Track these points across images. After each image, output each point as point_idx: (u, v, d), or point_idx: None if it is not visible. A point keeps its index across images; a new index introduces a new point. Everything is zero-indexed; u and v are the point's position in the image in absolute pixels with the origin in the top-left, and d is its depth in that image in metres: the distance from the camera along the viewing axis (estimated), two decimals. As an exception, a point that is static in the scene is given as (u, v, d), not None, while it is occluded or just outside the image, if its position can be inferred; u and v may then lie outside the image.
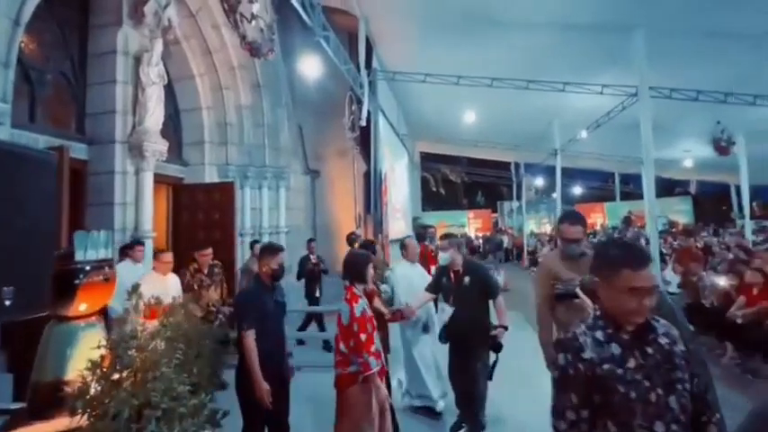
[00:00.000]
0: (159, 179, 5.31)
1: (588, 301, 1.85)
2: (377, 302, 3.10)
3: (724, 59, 6.59)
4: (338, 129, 7.45)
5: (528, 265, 16.39)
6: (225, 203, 5.81)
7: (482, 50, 7.27)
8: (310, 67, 6.00)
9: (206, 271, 4.41)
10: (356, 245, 6.43)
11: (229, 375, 2.87)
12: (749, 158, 11.44)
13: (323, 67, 6.45)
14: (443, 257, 3.49)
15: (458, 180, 27.40)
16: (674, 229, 18.79)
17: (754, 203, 18.21)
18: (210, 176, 6.18)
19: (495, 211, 28.00)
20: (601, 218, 25.46)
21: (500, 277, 9.77)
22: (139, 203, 4.67)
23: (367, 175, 7.80)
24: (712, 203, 22.51)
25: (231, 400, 2.56)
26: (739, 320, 5.41)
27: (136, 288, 2.07)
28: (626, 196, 24.20)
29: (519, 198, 25.27)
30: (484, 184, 29.06)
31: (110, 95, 4.65)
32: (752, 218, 14.02)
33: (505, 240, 21.70)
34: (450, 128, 13.14)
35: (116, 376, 1.53)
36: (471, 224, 27.12)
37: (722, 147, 8.77)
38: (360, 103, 6.92)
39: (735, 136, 9.25)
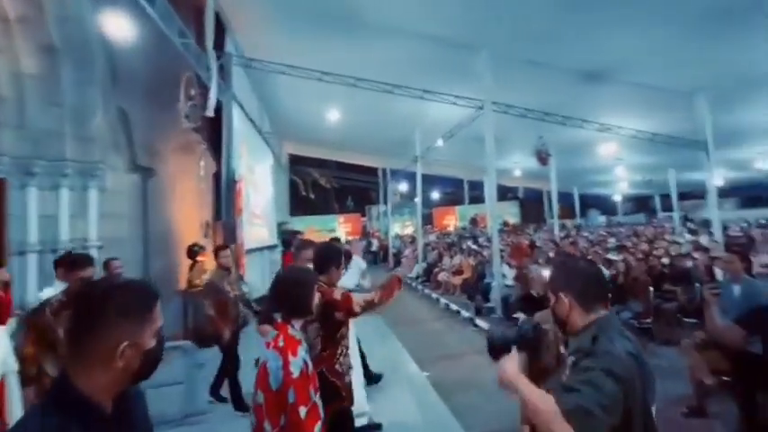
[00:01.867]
0: None
1: None
2: (356, 297, 2.23)
3: (545, 85, 7.89)
4: (181, 119, 6.18)
5: (393, 266, 17.09)
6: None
7: (348, 48, 7.07)
8: (136, 34, 4.70)
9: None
10: (199, 258, 5.40)
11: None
12: (557, 170, 14.28)
13: (157, 39, 5.18)
14: None
15: (328, 184, 27.18)
16: (506, 228, 22.34)
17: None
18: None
19: (364, 215, 28.74)
20: (454, 220, 28.76)
21: (366, 281, 9.76)
22: None
23: (218, 175, 6.69)
24: (534, 206, 27.65)
25: None
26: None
27: None
28: (473, 200, 27.78)
29: (386, 202, 26.62)
30: (354, 189, 29.58)
31: None
32: (559, 218, 17.72)
33: (374, 243, 22.38)
34: (318, 129, 12.70)
35: None
36: (341, 229, 27.26)
37: (543, 158, 10.59)
38: (205, 88, 5.85)
39: (550, 150, 11.28)
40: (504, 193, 23.99)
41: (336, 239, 6.84)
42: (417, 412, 3.90)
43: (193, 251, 5.22)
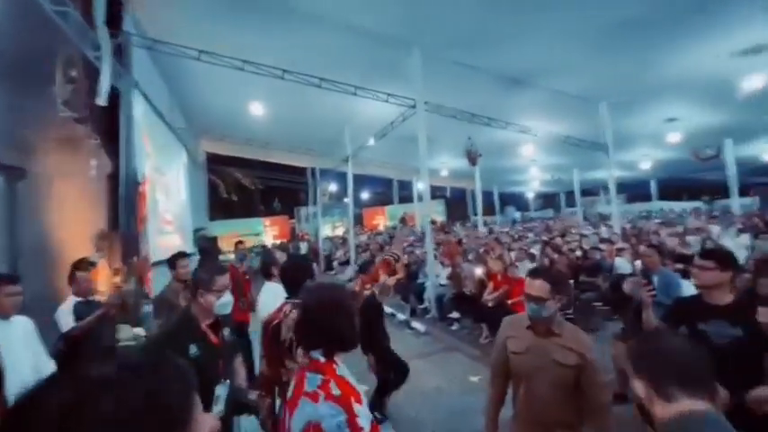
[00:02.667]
0: None
1: None
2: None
3: (473, 87, 8.10)
4: (58, 106, 4.99)
5: (324, 269, 16.54)
6: None
7: (274, 36, 6.47)
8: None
9: None
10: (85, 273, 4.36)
11: None
12: (480, 169, 15.01)
13: (21, 3, 4.08)
14: None
15: (253, 185, 25.48)
16: (433, 226, 23.08)
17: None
18: None
19: (292, 217, 27.58)
20: (383, 219, 28.97)
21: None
22: None
23: (114, 177, 5.63)
24: (458, 205, 29.02)
25: None
26: (490, 303, 6.49)
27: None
28: (402, 200, 28.26)
29: (315, 203, 25.81)
30: (281, 190, 28.16)
31: None
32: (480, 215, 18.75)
33: (303, 247, 21.43)
34: (240, 125, 11.68)
35: None
36: (268, 232, 25.81)
37: (472, 158, 10.95)
38: (92, 70, 4.84)
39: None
40: (432, 193, 24.83)
41: (241, 242, 6.21)
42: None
43: (84, 267, 4.22)
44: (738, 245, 6.76)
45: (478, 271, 7.37)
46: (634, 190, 23.79)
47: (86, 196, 5.30)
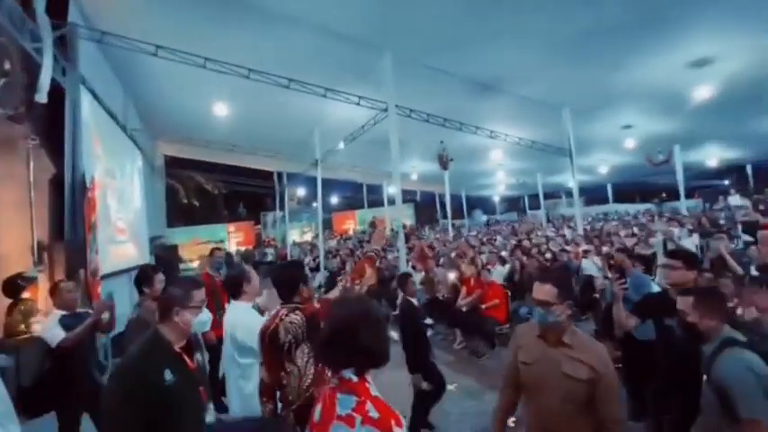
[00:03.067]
0: None
1: None
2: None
3: (444, 91, 8.11)
4: (-8, 104, 4.45)
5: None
6: None
7: (239, 34, 6.12)
8: None
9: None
10: (26, 294, 3.84)
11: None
12: (449, 173, 15.16)
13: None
14: None
15: (215, 190, 24.37)
16: (403, 230, 23.10)
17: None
18: None
19: (258, 222, 26.71)
20: (353, 224, 28.69)
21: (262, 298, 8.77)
22: None
23: (58, 181, 5.09)
24: (427, 209, 29.26)
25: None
26: (464, 308, 6.47)
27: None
28: (372, 204, 28.13)
29: (282, 208, 25.10)
30: (246, 195, 27.16)
31: None
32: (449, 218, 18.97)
33: (270, 253, 20.72)
34: (202, 127, 11.09)
35: None
36: (232, 238, 24.81)
37: (444, 162, 11.00)
38: (30, 63, 4.34)
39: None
40: (402, 197, 24.92)
41: (218, 249, 5.92)
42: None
43: (15, 286, 3.70)
44: (691, 244, 7.18)
45: (452, 276, 7.35)
46: (592, 193, 25.00)
47: (24, 203, 4.75)
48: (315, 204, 29.01)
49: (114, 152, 7.71)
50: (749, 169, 20.07)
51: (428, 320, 7.27)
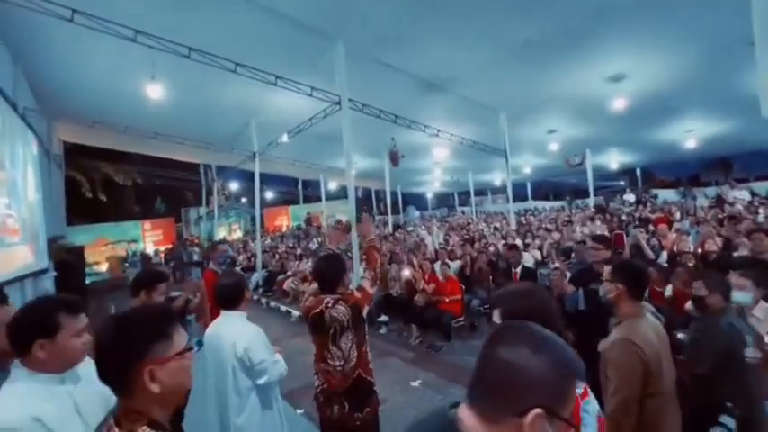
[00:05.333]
0: None
1: None
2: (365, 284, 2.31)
3: (395, 88, 8.07)
4: None
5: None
6: None
7: (182, 7, 5.35)
8: None
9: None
10: None
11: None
12: (389, 170, 15.33)
13: None
14: None
15: (128, 182, 21.52)
16: (338, 227, 22.84)
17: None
18: None
19: (179, 219, 24.33)
20: (286, 220, 27.57)
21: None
22: None
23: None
24: (363, 204, 29.26)
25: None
26: (420, 304, 6.55)
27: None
28: (306, 200, 27.31)
29: (208, 204, 23.12)
30: (165, 189, 24.49)
31: None
32: (384, 215, 19.22)
33: (195, 253, 18.95)
34: (118, 111, 9.66)
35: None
36: (148, 237, 22.26)
37: (395, 158, 11.01)
38: None
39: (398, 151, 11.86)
40: (339, 192, 24.52)
41: (221, 242, 5.25)
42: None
43: None
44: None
45: (406, 272, 7.38)
46: (514, 191, 27.14)
47: None
48: (244, 200, 27.30)
49: (2, 135, 6.33)
50: (638, 172, 23.47)
51: (383, 317, 7.24)
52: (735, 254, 4.53)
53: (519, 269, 5.38)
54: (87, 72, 7.52)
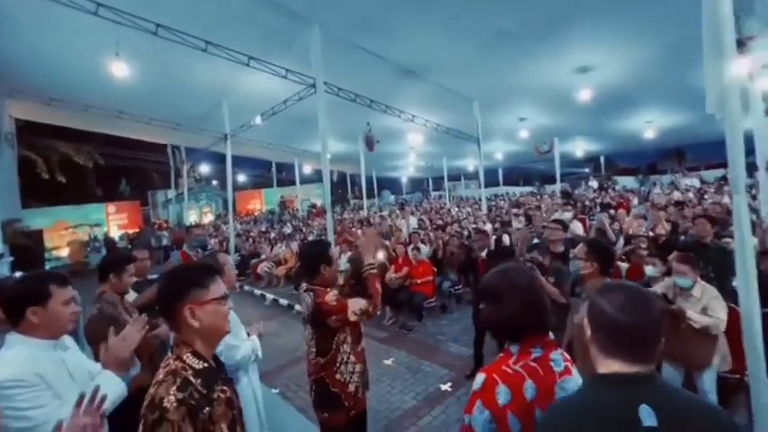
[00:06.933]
0: None
1: None
2: (351, 305, 2.01)
3: (371, 73, 8.06)
4: None
5: (198, 261, 14.69)
6: None
7: None
8: None
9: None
10: None
11: None
12: (364, 154, 15.34)
13: None
14: None
15: (89, 163, 20.38)
16: (314, 210, 22.73)
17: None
18: None
19: (145, 203, 23.43)
20: (259, 204, 27.11)
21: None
22: None
23: None
24: (338, 188, 29.13)
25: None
26: (393, 286, 6.77)
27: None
28: (280, 183, 26.88)
29: (177, 186, 22.34)
30: (130, 170, 23.37)
31: None
32: (359, 198, 19.34)
33: (164, 237, 18.45)
34: (79, 88, 9.13)
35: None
36: (112, 221, 21.37)
37: (370, 143, 11.04)
38: None
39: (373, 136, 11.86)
40: (313, 176, 24.30)
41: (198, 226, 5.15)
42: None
43: None
44: (566, 218, 8.71)
45: (380, 255, 7.56)
46: (486, 176, 27.78)
47: None
48: (215, 183, 26.53)
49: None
50: (602, 159, 24.57)
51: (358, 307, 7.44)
52: (682, 238, 5.01)
53: (484, 253, 5.21)
54: (44, 46, 7.06)
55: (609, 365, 0.94)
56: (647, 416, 0.84)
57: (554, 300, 2.90)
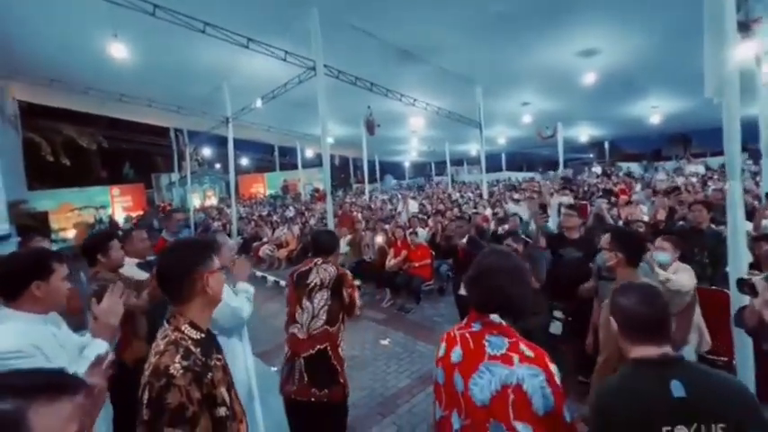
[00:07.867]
0: None
1: None
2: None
3: (371, 55, 7.98)
4: None
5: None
6: None
7: None
8: None
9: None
10: None
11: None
12: (366, 138, 15.28)
13: None
14: None
15: (92, 146, 20.43)
16: (317, 194, 22.78)
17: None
18: None
19: (150, 185, 23.57)
20: (262, 187, 27.17)
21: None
22: None
23: None
24: (340, 172, 29.12)
25: None
26: (392, 269, 6.87)
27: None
28: (282, 167, 26.88)
29: (180, 169, 22.41)
30: (134, 153, 23.42)
31: None
32: (361, 183, 19.32)
33: (170, 219, 18.59)
34: (81, 70, 9.12)
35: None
36: (117, 203, 21.57)
37: (371, 127, 10.99)
38: None
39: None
40: (315, 160, 24.28)
41: (177, 210, 5.24)
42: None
43: None
44: (564, 202, 8.75)
45: (379, 239, 7.66)
46: (488, 161, 27.59)
47: None
48: (218, 166, 26.57)
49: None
50: (606, 145, 24.31)
51: (357, 282, 7.56)
52: (680, 223, 5.03)
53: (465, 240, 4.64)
54: (43, 28, 7.03)
55: (639, 351, 1.18)
56: (678, 389, 1.07)
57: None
